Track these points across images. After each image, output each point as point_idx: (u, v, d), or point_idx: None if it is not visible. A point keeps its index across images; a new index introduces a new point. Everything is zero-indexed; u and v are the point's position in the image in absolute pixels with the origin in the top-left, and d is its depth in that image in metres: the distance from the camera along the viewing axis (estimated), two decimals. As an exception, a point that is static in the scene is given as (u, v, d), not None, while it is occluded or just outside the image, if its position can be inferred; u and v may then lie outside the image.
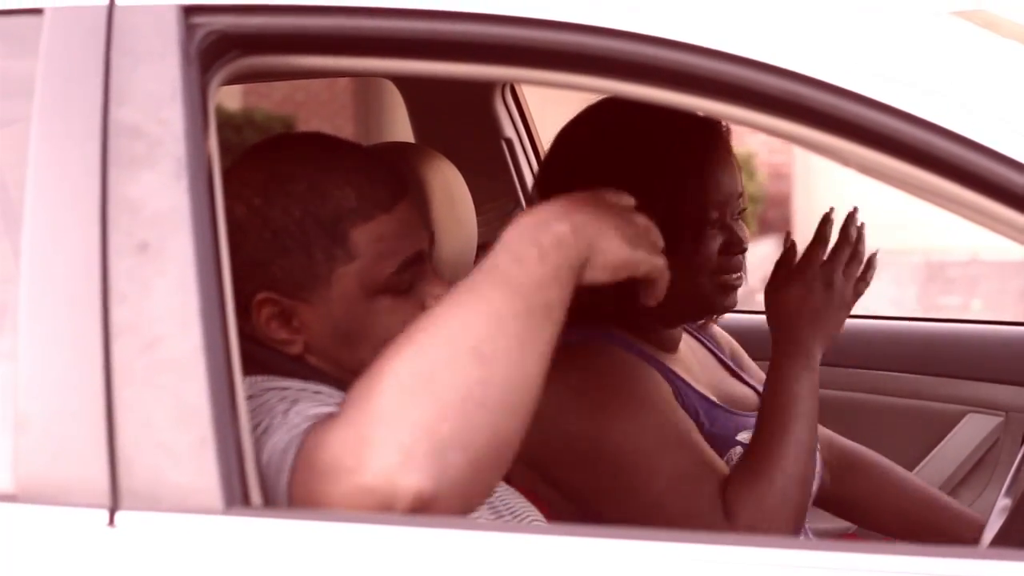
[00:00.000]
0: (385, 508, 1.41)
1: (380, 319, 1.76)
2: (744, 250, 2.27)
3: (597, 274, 1.56)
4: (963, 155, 1.43)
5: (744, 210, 2.27)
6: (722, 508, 2.09)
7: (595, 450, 2.15)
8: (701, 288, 2.23)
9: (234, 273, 1.67)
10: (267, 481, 1.51)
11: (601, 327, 2.24)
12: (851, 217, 2.23)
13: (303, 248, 1.74)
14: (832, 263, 2.19)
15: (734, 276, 2.26)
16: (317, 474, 1.46)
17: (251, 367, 1.68)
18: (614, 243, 1.57)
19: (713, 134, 2.25)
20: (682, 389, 2.24)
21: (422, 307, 1.77)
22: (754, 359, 2.55)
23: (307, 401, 1.61)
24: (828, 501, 2.57)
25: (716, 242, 2.22)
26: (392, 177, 1.80)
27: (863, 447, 2.60)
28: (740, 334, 2.56)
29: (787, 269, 2.22)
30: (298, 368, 1.76)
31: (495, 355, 1.46)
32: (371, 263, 1.75)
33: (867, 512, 2.58)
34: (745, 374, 2.48)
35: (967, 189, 1.44)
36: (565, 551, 1.40)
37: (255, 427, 1.57)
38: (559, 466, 2.18)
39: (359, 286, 1.75)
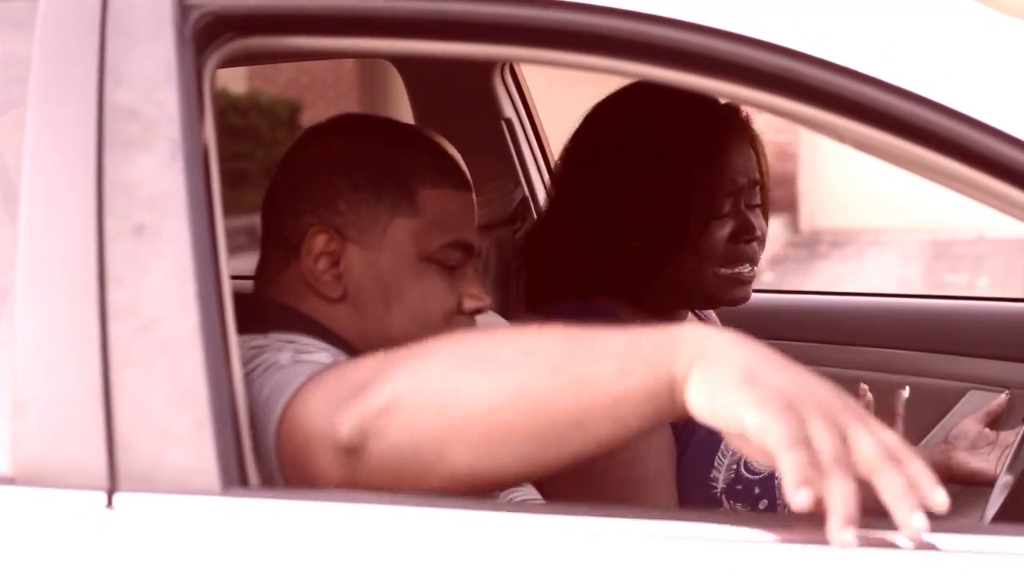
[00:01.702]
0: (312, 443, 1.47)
1: (419, 285, 1.81)
2: (756, 238, 2.23)
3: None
4: (960, 131, 1.42)
5: (760, 203, 2.24)
6: None
7: None
8: (706, 278, 2.21)
9: (294, 209, 1.80)
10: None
11: (603, 299, 2.24)
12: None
13: (373, 187, 1.81)
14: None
15: (745, 268, 2.23)
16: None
17: (263, 327, 1.72)
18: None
19: (729, 119, 2.22)
20: None
21: (459, 297, 1.83)
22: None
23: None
24: None
25: (725, 231, 2.20)
26: (462, 171, 1.89)
27: None
28: (738, 312, 2.55)
29: None
30: (310, 327, 1.77)
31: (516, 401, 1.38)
32: (429, 226, 1.81)
33: None
34: None
35: (965, 166, 1.44)
36: (563, 530, 1.40)
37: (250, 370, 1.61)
38: None
39: (412, 244, 1.81)
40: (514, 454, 1.39)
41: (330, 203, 1.80)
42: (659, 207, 2.18)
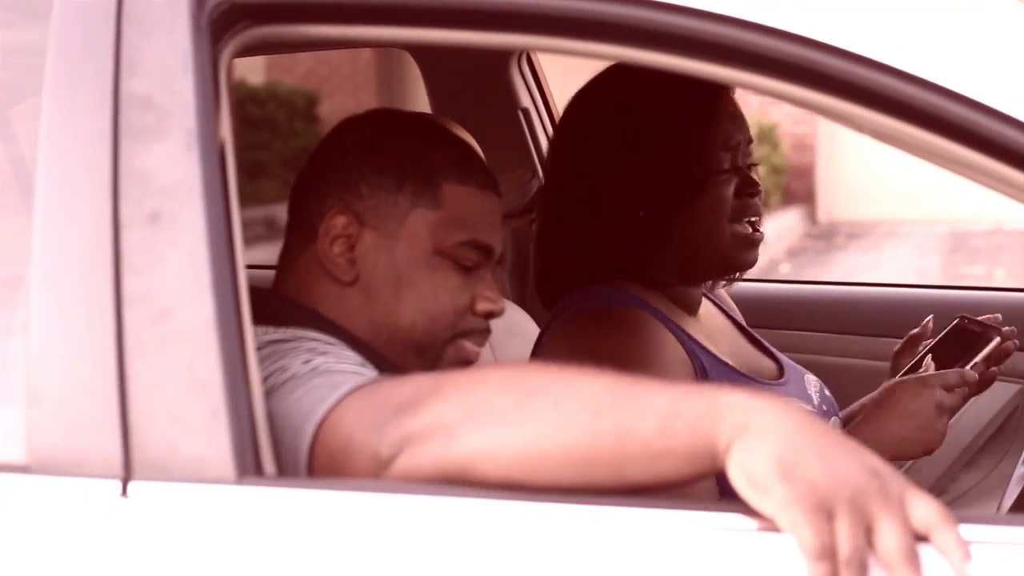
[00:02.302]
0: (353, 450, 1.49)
1: (431, 279, 1.81)
2: (758, 192, 2.25)
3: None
4: (979, 120, 1.42)
5: (755, 164, 2.25)
6: None
7: None
8: (720, 238, 2.21)
9: (317, 192, 1.82)
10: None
11: (619, 283, 2.23)
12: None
13: (396, 175, 1.82)
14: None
15: (753, 224, 2.23)
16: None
17: (273, 321, 1.72)
18: None
19: (711, 83, 2.21)
20: (704, 360, 2.22)
21: (473, 298, 1.83)
22: (765, 328, 2.53)
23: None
24: None
25: (730, 188, 2.21)
26: (490, 174, 1.91)
27: None
28: (756, 303, 2.55)
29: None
30: (318, 323, 1.77)
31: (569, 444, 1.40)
32: (448, 221, 1.82)
33: None
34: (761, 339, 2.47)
35: (984, 155, 1.43)
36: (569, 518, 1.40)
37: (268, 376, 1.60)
38: None
39: (428, 236, 1.81)
40: (546, 480, 1.41)
41: (353, 187, 1.81)
42: (658, 169, 2.19)
